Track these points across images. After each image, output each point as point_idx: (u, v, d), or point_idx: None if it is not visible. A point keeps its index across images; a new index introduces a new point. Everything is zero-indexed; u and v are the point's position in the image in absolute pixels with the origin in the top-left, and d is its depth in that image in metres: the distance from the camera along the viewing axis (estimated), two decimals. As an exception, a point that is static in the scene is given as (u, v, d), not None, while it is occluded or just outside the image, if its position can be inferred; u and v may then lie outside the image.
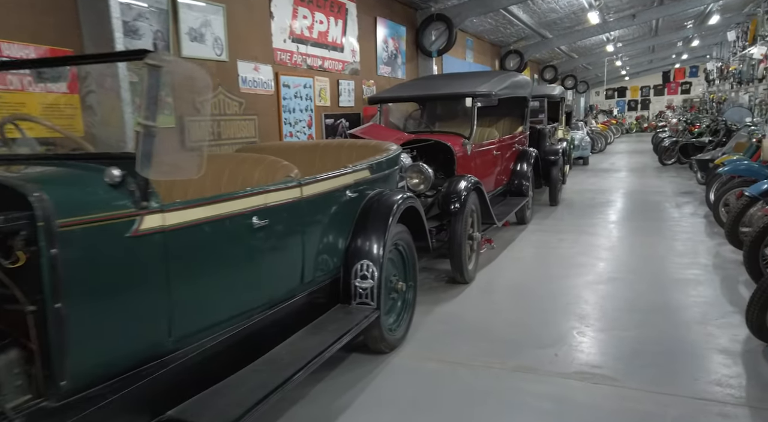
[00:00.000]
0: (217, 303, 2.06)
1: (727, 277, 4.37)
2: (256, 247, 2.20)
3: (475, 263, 4.65)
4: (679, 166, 12.33)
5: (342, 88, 6.27)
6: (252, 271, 2.21)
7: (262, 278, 2.26)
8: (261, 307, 2.29)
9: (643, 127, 27.68)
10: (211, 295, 2.02)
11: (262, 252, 2.24)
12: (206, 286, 2.00)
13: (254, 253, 2.20)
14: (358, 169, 2.98)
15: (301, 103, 5.47)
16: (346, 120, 6.36)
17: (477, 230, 4.72)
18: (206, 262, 1.99)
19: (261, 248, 2.23)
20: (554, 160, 7.83)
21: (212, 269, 2.02)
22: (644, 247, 5.43)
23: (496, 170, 6.05)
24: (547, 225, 6.70)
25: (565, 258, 5.17)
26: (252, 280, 2.21)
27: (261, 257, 2.24)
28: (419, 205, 3.43)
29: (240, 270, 2.14)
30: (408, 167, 4.47)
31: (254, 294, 2.24)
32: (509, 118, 7.15)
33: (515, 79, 6.29)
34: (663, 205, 7.73)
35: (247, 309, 2.21)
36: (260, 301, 2.28)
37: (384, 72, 7.39)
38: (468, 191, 4.36)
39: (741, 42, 16.08)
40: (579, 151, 13.13)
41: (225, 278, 2.07)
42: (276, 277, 2.36)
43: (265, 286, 2.29)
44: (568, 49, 16.75)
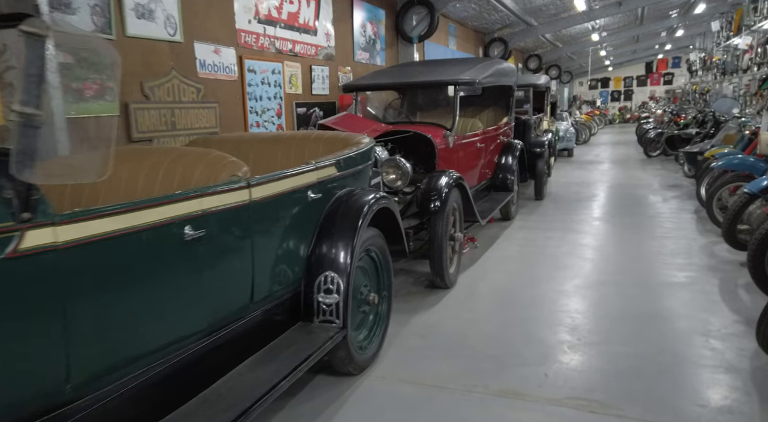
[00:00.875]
0: (134, 335, 1.66)
1: (725, 280, 4.09)
2: (189, 264, 1.80)
3: (458, 265, 4.29)
4: (665, 157, 12.14)
5: (315, 74, 5.83)
6: (183, 294, 1.81)
7: (197, 301, 1.87)
8: (197, 335, 1.90)
9: (626, 118, 27.62)
10: (125, 327, 1.62)
11: (197, 269, 1.84)
12: (118, 316, 1.59)
13: (186, 272, 1.80)
14: (323, 166, 2.58)
15: (269, 90, 5.03)
16: (320, 109, 5.94)
17: (459, 230, 4.36)
18: (118, 286, 1.59)
19: (195, 265, 1.83)
20: (540, 153, 7.51)
21: (127, 294, 1.62)
22: (634, 246, 5.14)
23: (479, 164, 5.70)
24: (532, 222, 6.38)
25: (551, 258, 4.85)
26: (183, 305, 1.81)
27: (195, 276, 1.84)
28: (394, 206, 3.05)
29: (166, 293, 1.74)
30: (384, 161, 4.08)
31: (186, 320, 1.84)
32: (494, 108, 6.79)
33: (500, 67, 5.92)
34: (651, 200, 7.47)
35: (177, 339, 1.81)
36: (195, 328, 1.89)
37: (361, 58, 6.96)
38: (449, 188, 3.99)
39: (725, 32, 15.93)
40: (564, 142, 12.87)
41: (145, 304, 1.67)
42: (217, 298, 1.96)
43: (201, 310, 1.89)
44: (552, 38, 16.45)
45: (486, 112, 6.77)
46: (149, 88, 3.69)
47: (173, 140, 3.88)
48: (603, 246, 5.22)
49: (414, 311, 3.66)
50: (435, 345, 3.15)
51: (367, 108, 6.82)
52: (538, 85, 8.50)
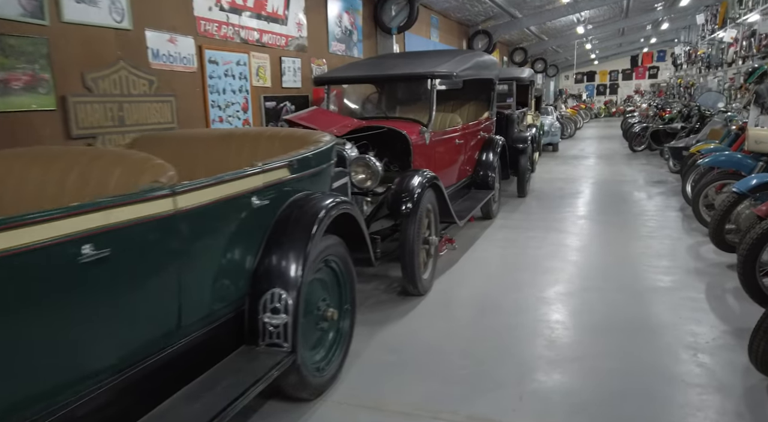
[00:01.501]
0: (16, 380, 1.36)
1: (712, 285, 3.88)
2: (87, 291, 1.51)
3: (432, 270, 4.03)
4: (650, 152, 12.00)
5: (285, 66, 5.51)
6: (81, 327, 1.51)
7: (100, 333, 1.57)
8: (104, 373, 1.61)
9: (612, 112, 27.56)
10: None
11: (99, 296, 1.55)
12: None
13: (83, 300, 1.51)
14: (271, 168, 2.29)
15: (233, 82, 4.71)
16: (292, 103, 5.62)
17: (434, 233, 4.09)
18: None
19: (96, 291, 1.54)
20: (523, 149, 7.27)
21: (6, 330, 1.32)
22: (618, 247, 4.92)
23: (459, 161, 5.44)
24: (514, 221, 6.14)
25: (533, 260, 4.61)
26: (81, 339, 1.52)
27: (96, 304, 1.55)
28: (356, 211, 2.77)
29: (56, 327, 1.44)
30: (352, 160, 3.80)
31: (87, 357, 1.55)
32: (475, 102, 6.52)
33: (480, 59, 5.65)
34: (636, 197, 7.28)
35: (75, 380, 1.52)
36: (100, 365, 1.60)
37: (337, 50, 6.64)
38: (422, 188, 3.72)
39: (710, 25, 15.83)
40: (549, 136, 12.68)
41: (26, 342, 1.37)
42: (129, 328, 1.67)
43: (106, 344, 1.60)
44: (538, 31, 16.22)
45: (467, 107, 6.50)
46: (92, 80, 3.36)
47: (122, 137, 3.55)
48: (586, 246, 5.00)
49: (383, 322, 3.39)
50: (403, 362, 2.89)
51: (344, 102, 6.54)
52: (522, 78, 8.26)
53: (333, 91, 6.20)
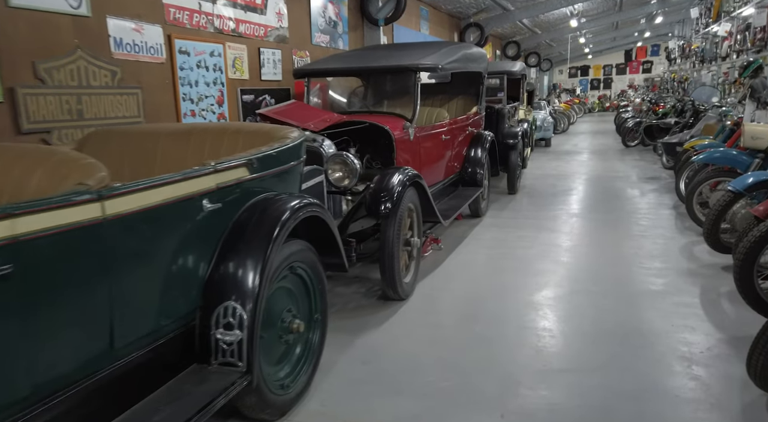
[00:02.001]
0: None
1: (707, 288, 3.70)
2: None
3: (415, 273, 3.83)
4: (643, 147, 11.85)
5: (265, 58, 5.27)
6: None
7: (7, 360, 1.35)
8: (16, 405, 1.39)
9: (605, 107, 27.45)
10: None
11: (3, 319, 1.33)
12: None
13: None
14: (226, 168, 2.06)
15: (207, 74, 4.47)
16: (272, 96, 5.39)
17: (417, 234, 3.89)
18: None
19: (6, 311, 1.32)
20: (513, 144, 7.07)
21: None
22: (610, 247, 4.74)
23: (445, 157, 5.23)
24: (504, 219, 5.95)
25: (522, 262, 4.42)
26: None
27: (2, 327, 1.33)
28: (326, 214, 2.55)
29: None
30: (329, 157, 3.58)
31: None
32: (463, 96, 6.31)
33: (468, 52, 5.43)
34: (628, 193, 7.10)
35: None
36: (12, 396, 1.38)
37: (321, 41, 6.40)
38: (403, 187, 3.51)
39: (704, 19, 15.67)
40: (541, 131, 12.50)
41: None
42: (44, 353, 1.45)
43: (16, 372, 1.38)
44: (531, 24, 16.00)
45: (455, 101, 6.29)
46: (45, 70, 3.11)
47: (81, 131, 3.31)
48: (577, 246, 4.81)
49: (360, 330, 3.19)
50: (378, 375, 2.69)
51: (328, 95, 6.31)
52: (513, 72, 8.04)
53: (316, 84, 6.00)
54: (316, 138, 3.70)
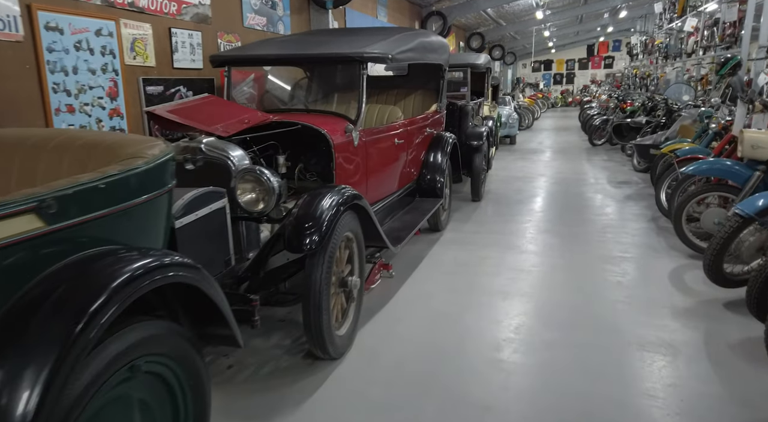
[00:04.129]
0: None
1: (712, 337, 3.01)
2: None
3: (354, 321, 3.00)
4: (610, 146, 11.39)
5: (178, 40, 4.30)
6: None
7: None
8: None
9: (568, 102, 27.27)
10: None
11: None
12: None
13: None
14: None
15: (91, 59, 3.49)
16: (189, 88, 4.43)
17: (358, 269, 3.06)
18: None
19: None
20: (477, 146, 6.32)
21: None
22: (590, 275, 4.04)
23: (399, 165, 4.41)
24: (466, 234, 5.19)
25: (486, 295, 3.66)
26: None
27: None
28: (200, 276, 1.68)
29: None
30: (236, 173, 2.70)
31: None
32: (422, 92, 5.49)
33: (425, 40, 4.61)
34: (601, 202, 6.46)
35: None
36: None
37: (255, 24, 5.45)
38: (336, 213, 2.66)
39: (668, 14, 15.38)
40: (506, 128, 11.86)
41: None
42: None
43: None
44: (495, 15, 15.34)
45: (412, 98, 5.46)
46: None
47: None
48: (551, 273, 4.09)
49: (272, 415, 2.34)
50: None
51: (266, 89, 5.40)
52: (477, 64, 7.28)
53: (249, 74, 5.07)
54: (225, 146, 2.81)
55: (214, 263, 2.44)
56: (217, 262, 2.46)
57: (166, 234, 1.81)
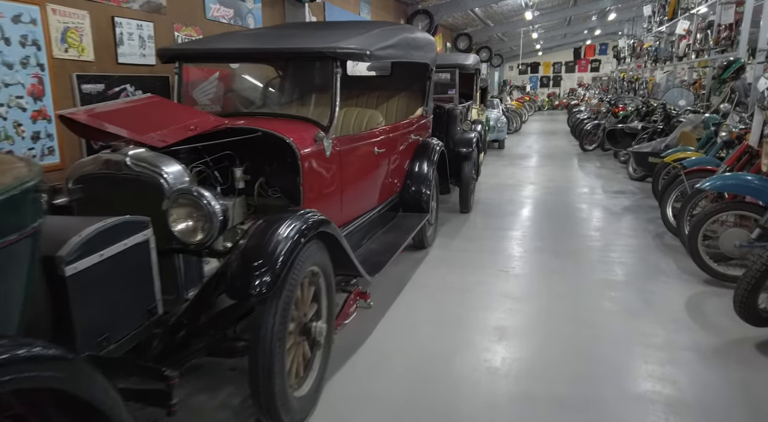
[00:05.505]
0: None
1: (752, 388, 2.53)
2: None
3: (318, 376, 2.45)
4: (602, 152, 10.99)
5: (124, 31, 3.71)
6: None
7: None
8: None
9: (555, 105, 27.01)
10: None
11: None
12: None
13: None
14: None
15: (7, 50, 2.90)
16: (137, 87, 3.84)
17: (325, 312, 2.51)
18: None
19: None
20: (466, 153, 5.81)
21: None
22: (594, 307, 3.54)
23: (379, 177, 3.88)
24: (454, 252, 4.67)
25: (476, 332, 3.14)
26: None
27: None
28: (66, 373, 1.12)
29: None
30: (170, 195, 2.13)
31: None
32: (406, 94, 4.97)
33: (409, 36, 4.08)
34: (598, 215, 6.00)
35: None
36: None
37: (220, 16, 4.87)
38: (295, 246, 2.11)
39: (658, 17, 15.09)
40: (495, 132, 11.40)
41: None
42: None
43: None
44: (483, 15, 14.90)
45: (395, 100, 4.93)
46: None
47: None
48: (547, 301, 3.58)
49: None
50: None
51: (232, 89, 4.87)
52: (466, 65, 6.78)
53: (214, 72, 4.51)
54: (157, 161, 2.24)
55: (131, 314, 1.87)
56: (135, 313, 1.90)
57: (26, 300, 1.25)
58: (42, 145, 3.14)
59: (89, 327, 1.64)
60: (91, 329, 1.65)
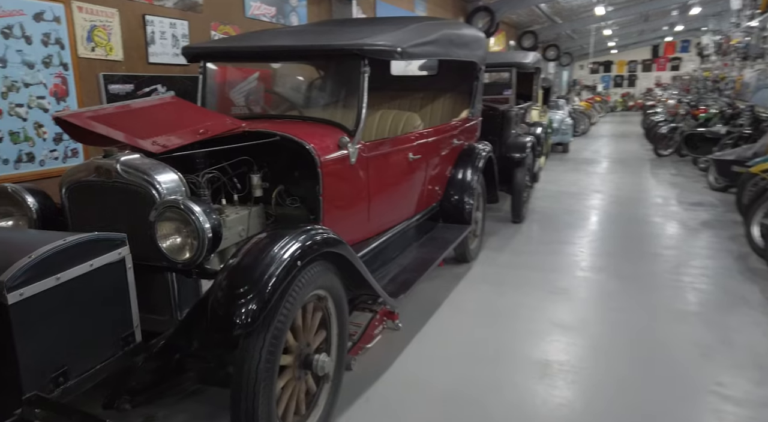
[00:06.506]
0: None
1: None
2: None
3: (324, 416, 2.16)
4: (678, 158, 10.04)
5: (155, 30, 3.61)
6: None
7: None
8: None
9: (629, 106, 25.42)
10: None
11: None
12: None
13: None
14: None
15: (28, 49, 2.83)
16: (169, 87, 3.73)
17: (335, 341, 2.22)
18: None
19: None
20: (519, 159, 5.35)
21: None
22: (664, 344, 3.03)
23: (415, 185, 3.56)
24: (500, 268, 4.25)
25: (519, 365, 2.74)
26: None
27: None
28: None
29: None
30: (157, 207, 1.92)
31: None
32: (452, 95, 4.61)
33: (453, 32, 3.72)
34: (671, 231, 5.35)
35: None
36: None
37: (262, 14, 4.71)
38: (288, 271, 1.83)
39: (749, 10, 13.70)
40: (558, 135, 10.71)
41: None
42: None
43: None
44: (550, 11, 14.12)
45: (442, 102, 4.59)
46: None
47: None
48: (599, 333, 3.11)
49: None
50: None
51: (265, 90, 4.70)
52: (524, 64, 6.29)
53: (255, 72, 4.36)
54: (150, 168, 2.04)
55: (99, 344, 1.66)
56: (104, 343, 1.69)
57: None
58: (65, 146, 3.06)
59: (39, 362, 1.45)
60: (41, 364, 1.46)
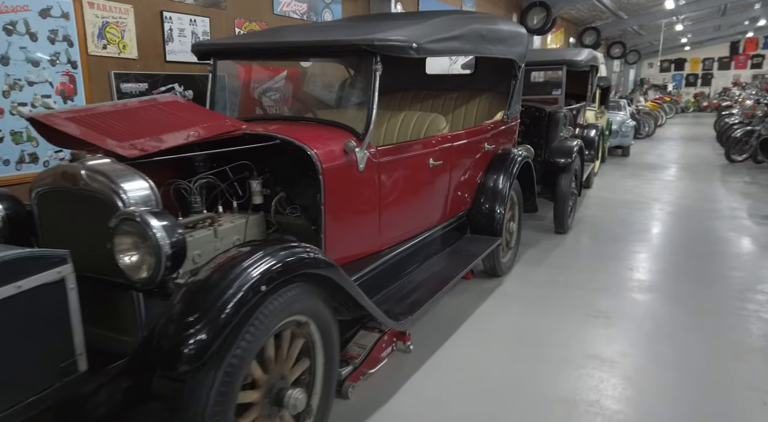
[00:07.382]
0: None
1: None
2: None
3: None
4: (754, 165, 9.11)
5: (173, 27, 3.50)
6: None
7: None
8: None
9: (702, 107, 23.67)
10: None
11: None
12: None
13: None
14: None
15: (33, 46, 2.77)
16: (187, 87, 3.62)
17: (320, 372, 1.97)
18: None
19: None
20: (564, 165, 4.90)
21: None
22: (713, 383, 2.59)
23: (436, 193, 3.26)
24: (535, 286, 3.86)
25: (538, 401, 2.39)
26: None
27: None
28: None
29: None
30: (114, 218, 1.73)
31: None
32: (490, 95, 4.27)
33: (485, 27, 3.37)
34: (739, 247, 4.73)
35: None
36: None
37: (292, 11, 4.54)
38: (250, 297, 1.59)
39: None
40: (618, 138, 9.99)
41: None
42: None
43: None
44: (614, 5, 13.24)
45: (477, 102, 4.26)
46: None
47: None
48: (641, 369, 2.69)
49: None
50: None
51: (302, 90, 4.56)
52: (576, 61, 5.79)
53: (283, 71, 4.21)
54: (117, 175, 1.86)
55: (27, 377, 1.48)
56: (34, 375, 1.50)
57: None
58: (72, 147, 2.98)
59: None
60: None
